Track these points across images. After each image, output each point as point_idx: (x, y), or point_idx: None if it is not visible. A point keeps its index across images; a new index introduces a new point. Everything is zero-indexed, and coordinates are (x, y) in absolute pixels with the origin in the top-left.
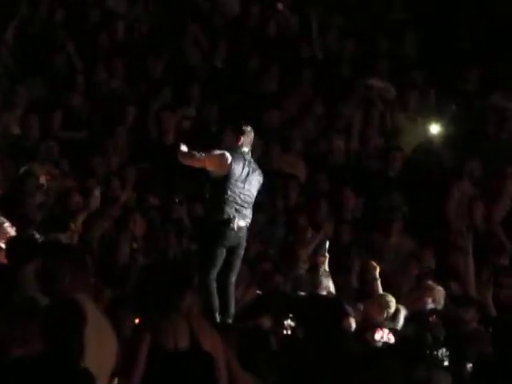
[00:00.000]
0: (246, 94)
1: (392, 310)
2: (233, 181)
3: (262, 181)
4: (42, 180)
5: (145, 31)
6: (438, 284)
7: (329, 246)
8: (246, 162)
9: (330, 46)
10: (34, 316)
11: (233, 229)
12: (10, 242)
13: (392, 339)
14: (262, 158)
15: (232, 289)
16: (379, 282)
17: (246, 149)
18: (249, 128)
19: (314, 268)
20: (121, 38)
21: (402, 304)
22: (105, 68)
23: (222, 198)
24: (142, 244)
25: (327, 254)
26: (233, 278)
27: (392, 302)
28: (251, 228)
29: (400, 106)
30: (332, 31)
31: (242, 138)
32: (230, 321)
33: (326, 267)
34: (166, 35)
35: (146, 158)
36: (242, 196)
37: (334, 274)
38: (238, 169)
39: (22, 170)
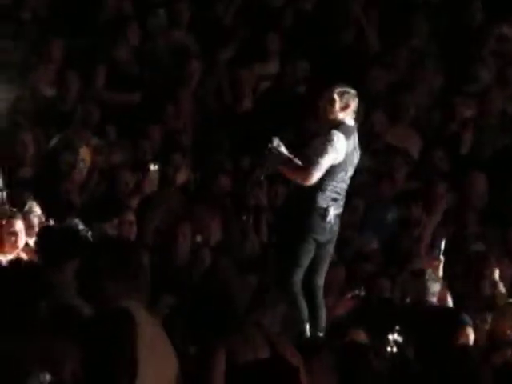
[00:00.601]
0: (343, 47)
1: None
2: (337, 168)
3: (359, 157)
4: (83, 154)
5: None
6: None
7: (448, 243)
8: (353, 141)
9: None
10: (70, 329)
11: (329, 222)
12: (44, 233)
13: None
14: (363, 129)
15: (321, 294)
16: (501, 287)
17: (351, 121)
18: (353, 92)
19: (420, 271)
20: None
21: None
22: (162, 13)
23: (319, 185)
24: (209, 237)
25: (442, 257)
26: (321, 281)
27: None
28: (348, 219)
29: None
30: None
31: (347, 108)
32: (320, 334)
33: (439, 271)
34: None
35: (215, 128)
36: (341, 183)
37: (458, 276)
38: (347, 153)
39: (56, 140)
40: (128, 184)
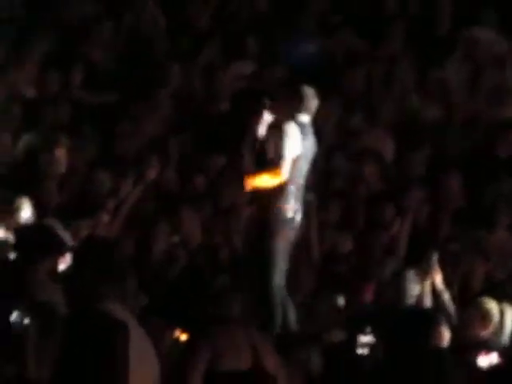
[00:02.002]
0: (320, 50)
1: (497, 318)
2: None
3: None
4: (59, 154)
5: None
6: None
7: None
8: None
9: None
10: (46, 327)
11: (297, 224)
12: (18, 232)
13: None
14: (339, 130)
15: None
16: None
17: (304, 118)
18: (311, 91)
19: (401, 272)
20: None
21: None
22: (137, 14)
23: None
24: (187, 238)
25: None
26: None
27: (494, 308)
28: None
29: None
30: None
31: (300, 105)
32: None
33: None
34: None
35: (191, 130)
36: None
37: None
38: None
39: (32, 140)
40: (103, 184)
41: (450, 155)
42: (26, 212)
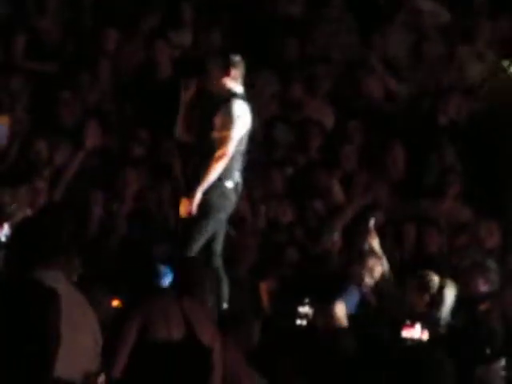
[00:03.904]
0: (259, 18)
1: (434, 290)
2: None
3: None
4: (2, 121)
5: None
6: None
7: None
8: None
9: None
10: None
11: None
12: None
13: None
14: (278, 101)
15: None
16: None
17: (238, 89)
18: (238, 58)
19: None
20: None
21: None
22: None
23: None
24: (128, 206)
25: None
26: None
27: (433, 281)
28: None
29: (462, 36)
30: None
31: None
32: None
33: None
34: None
35: (131, 97)
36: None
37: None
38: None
39: None
40: (40, 153)
41: (393, 126)
42: None
